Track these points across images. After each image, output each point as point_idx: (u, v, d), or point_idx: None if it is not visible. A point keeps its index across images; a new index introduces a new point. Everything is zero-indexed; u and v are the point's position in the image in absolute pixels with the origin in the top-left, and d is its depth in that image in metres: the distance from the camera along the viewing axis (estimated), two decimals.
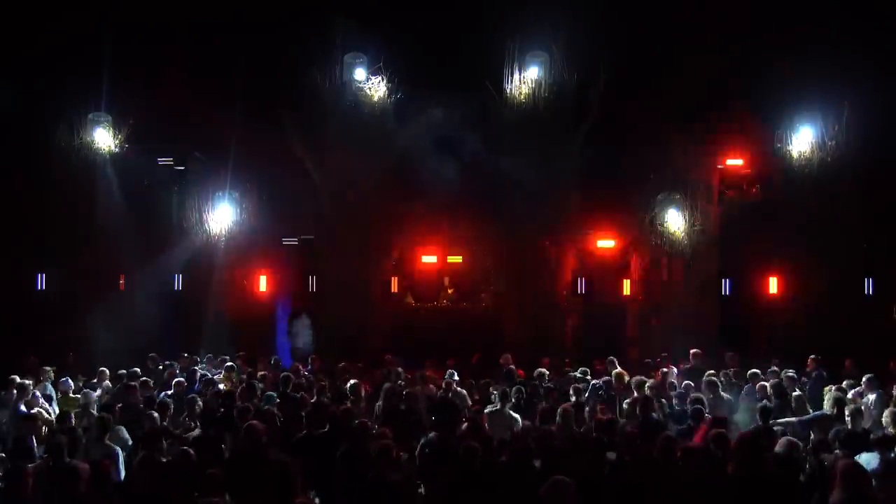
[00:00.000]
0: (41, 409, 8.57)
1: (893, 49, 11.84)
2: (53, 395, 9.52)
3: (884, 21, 12.13)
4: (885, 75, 12.06)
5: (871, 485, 4.79)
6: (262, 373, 10.41)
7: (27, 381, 8.85)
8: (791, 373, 9.66)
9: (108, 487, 5.29)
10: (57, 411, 8.78)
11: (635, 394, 8.25)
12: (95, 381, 10.09)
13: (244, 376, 9.87)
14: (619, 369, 9.52)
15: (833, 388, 8.50)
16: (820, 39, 11.97)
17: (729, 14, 12.77)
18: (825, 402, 7.98)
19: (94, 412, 7.99)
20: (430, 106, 14.16)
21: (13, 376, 8.91)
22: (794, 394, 8.52)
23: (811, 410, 8.17)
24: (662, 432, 6.14)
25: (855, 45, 11.89)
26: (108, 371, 10.22)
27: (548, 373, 9.83)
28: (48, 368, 10.07)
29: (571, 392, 8.71)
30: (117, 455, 6.52)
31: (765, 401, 7.85)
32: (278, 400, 8.31)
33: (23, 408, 8.33)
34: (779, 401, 8.03)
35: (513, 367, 10.03)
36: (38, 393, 9.01)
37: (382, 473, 5.31)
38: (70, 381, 9.66)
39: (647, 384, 8.65)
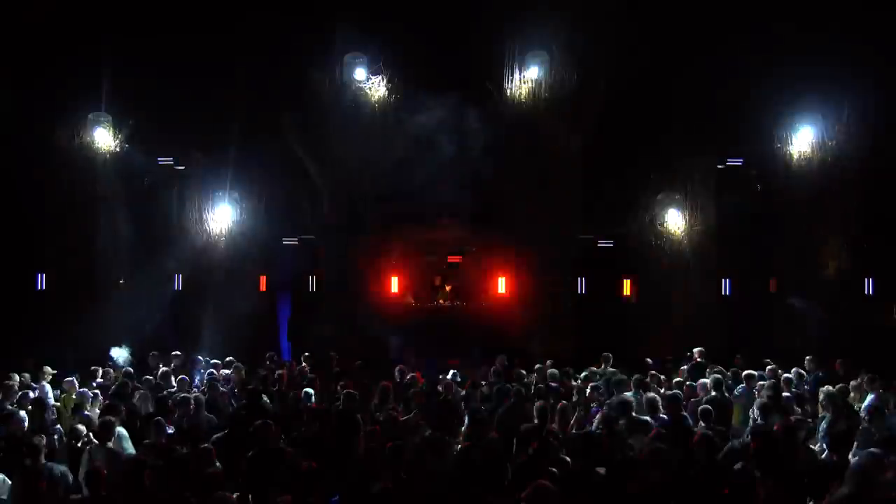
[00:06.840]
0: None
1: (893, 49, 11.84)
2: (51, 395, 9.46)
3: (884, 20, 12.12)
4: (885, 75, 12.07)
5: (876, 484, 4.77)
6: (264, 372, 10.41)
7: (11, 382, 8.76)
8: (789, 374, 9.63)
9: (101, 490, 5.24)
10: (54, 412, 8.72)
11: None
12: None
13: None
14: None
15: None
16: (820, 39, 11.95)
17: (728, 14, 12.77)
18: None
19: (88, 413, 7.90)
20: (429, 106, 14.14)
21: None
22: (785, 394, 8.52)
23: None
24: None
25: (855, 45, 11.88)
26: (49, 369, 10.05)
27: (557, 372, 9.80)
28: (47, 368, 10.04)
29: (575, 392, 8.71)
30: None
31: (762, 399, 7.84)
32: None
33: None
34: (773, 402, 8.02)
35: (499, 368, 9.96)
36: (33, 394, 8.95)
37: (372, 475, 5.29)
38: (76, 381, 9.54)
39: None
